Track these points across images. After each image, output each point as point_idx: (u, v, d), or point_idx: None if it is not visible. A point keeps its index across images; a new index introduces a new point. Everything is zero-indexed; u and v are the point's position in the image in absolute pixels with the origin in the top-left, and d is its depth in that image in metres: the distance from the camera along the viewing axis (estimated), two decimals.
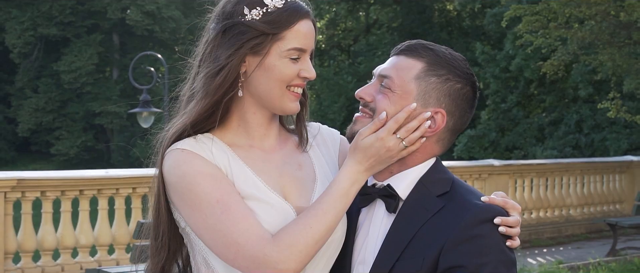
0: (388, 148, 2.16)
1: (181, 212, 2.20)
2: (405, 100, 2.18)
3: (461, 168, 12.83)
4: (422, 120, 2.16)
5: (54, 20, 43.36)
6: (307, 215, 2.13)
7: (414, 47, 2.23)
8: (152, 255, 2.30)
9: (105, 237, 9.06)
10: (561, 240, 13.55)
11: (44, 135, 43.63)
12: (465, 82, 2.22)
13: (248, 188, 2.19)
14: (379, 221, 2.22)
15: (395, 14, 33.69)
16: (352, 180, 2.16)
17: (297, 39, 2.21)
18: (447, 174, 2.23)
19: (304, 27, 2.22)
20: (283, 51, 2.20)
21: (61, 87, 43.36)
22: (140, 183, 9.10)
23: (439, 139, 2.22)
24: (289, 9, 2.21)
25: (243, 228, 2.10)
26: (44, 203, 8.68)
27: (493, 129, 26.05)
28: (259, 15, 2.19)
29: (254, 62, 2.21)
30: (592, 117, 23.63)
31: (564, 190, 14.16)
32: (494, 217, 2.09)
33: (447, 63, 2.20)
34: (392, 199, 2.19)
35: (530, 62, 23.08)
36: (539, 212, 13.79)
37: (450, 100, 2.19)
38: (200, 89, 2.21)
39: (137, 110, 17.85)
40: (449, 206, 2.13)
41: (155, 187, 2.26)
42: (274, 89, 2.22)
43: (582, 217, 14.27)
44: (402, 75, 2.19)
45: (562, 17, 14.90)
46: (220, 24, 2.23)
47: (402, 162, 2.21)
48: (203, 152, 2.20)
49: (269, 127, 2.31)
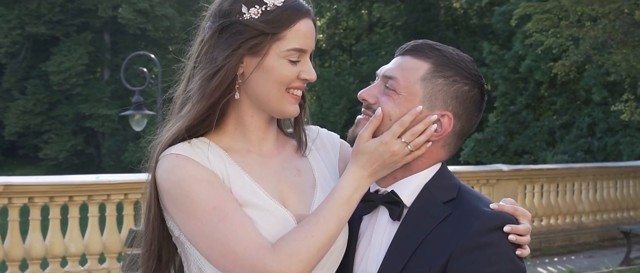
0: (392, 152, 2.15)
1: (175, 219, 2.19)
2: (411, 102, 2.18)
3: (468, 173, 12.82)
4: (428, 123, 2.16)
5: (43, 18, 43.38)
6: (308, 223, 2.13)
7: (420, 47, 2.23)
8: (142, 264, 2.30)
9: (95, 245, 9.05)
10: (573, 249, 13.54)
11: (32, 139, 43.62)
12: (473, 84, 2.21)
13: (246, 195, 2.19)
14: (381, 229, 2.22)
15: (399, 11, 33.73)
16: (355, 186, 2.16)
17: (297, 39, 2.20)
18: (454, 180, 2.23)
19: (304, 27, 2.22)
20: (282, 51, 2.19)
21: (50, 88, 43.36)
22: (133, 189, 9.09)
23: (446, 144, 2.22)
24: (289, 8, 2.20)
25: (241, 236, 2.09)
26: (32, 210, 8.67)
27: (501, 133, 26.06)
28: (258, 13, 2.18)
29: (252, 63, 2.20)
30: (605, 120, 23.64)
31: (575, 197, 14.15)
32: (504, 224, 2.08)
33: (455, 64, 2.20)
34: (396, 206, 2.18)
35: (540, 63, 23.11)
36: (550, 219, 13.78)
37: (457, 102, 2.19)
38: (196, 91, 2.20)
39: (129, 112, 17.85)
40: (456, 213, 2.13)
41: (147, 193, 2.26)
42: (272, 91, 2.21)
43: (595, 225, 14.26)
44: (407, 76, 2.19)
45: (573, 16, 14.92)
46: (217, 22, 2.21)
47: (406, 168, 2.21)
48: (198, 156, 2.20)
49: (267, 131, 2.31)
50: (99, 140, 45.24)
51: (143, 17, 43.73)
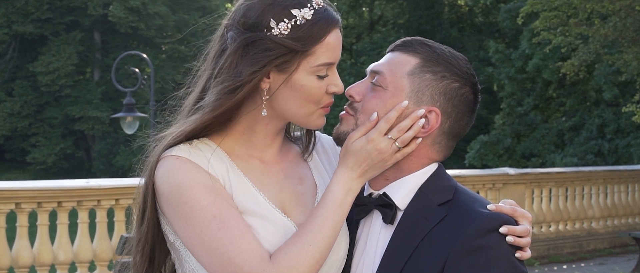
0: (380, 150, 2.16)
1: (173, 225, 2.19)
2: (397, 97, 2.19)
3: (473, 177, 12.83)
4: (415, 118, 2.17)
5: (30, 16, 43.39)
6: (303, 232, 2.14)
7: (409, 43, 2.25)
8: (133, 265, 2.30)
9: (85, 253, 9.05)
10: (582, 256, 13.55)
11: (19, 142, 43.64)
12: (464, 81, 2.22)
13: (247, 203, 2.19)
14: (376, 234, 2.22)
15: (402, 9, 33.72)
16: (346, 188, 2.17)
17: (327, 54, 2.20)
18: (450, 182, 2.23)
19: (333, 39, 2.21)
20: (312, 67, 2.18)
21: (38, 89, 43.38)
22: (124, 195, 9.09)
23: (435, 142, 2.22)
24: (320, 21, 2.18)
25: (241, 247, 2.10)
26: (19, 216, 8.67)
27: (508, 135, 26.04)
28: (287, 29, 2.15)
29: (279, 79, 2.18)
30: (616, 121, 23.63)
31: (585, 201, 14.15)
32: (500, 226, 2.08)
33: (445, 60, 2.21)
34: (389, 209, 2.19)
35: (548, 62, 23.10)
36: (558, 225, 13.79)
37: (445, 99, 2.19)
38: (212, 102, 2.17)
39: (121, 114, 17.88)
40: (452, 215, 2.13)
41: (141, 195, 2.25)
42: (301, 108, 2.21)
43: (605, 231, 14.27)
44: (394, 71, 2.21)
45: (583, 13, 14.94)
46: (242, 35, 2.17)
47: (397, 169, 2.21)
48: (200, 160, 2.19)
49: (275, 138, 2.31)
50: (89, 143, 45.25)
51: (135, 15, 43.74)
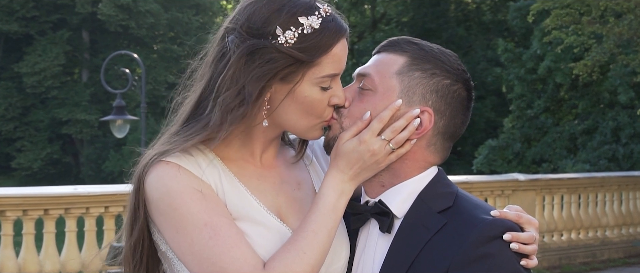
0: (373, 152, 2.17)
1: (163, 233, 2.20)
2: (388, 98, 2.19)
3: (481, 183, 12.81)
4: (410, 118, 2.17)
5: (15, 15, 43.41)
6: (297, 239, 2.15)
7: (396, 42, 2.26)
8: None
9: (73, 262, 9.04)
10: (596, 266, 13.53)
11: (4, 147, 43.62)
12: (456, 78, 2.22)
13: (241, 209, 2.20)
14: (373, 243, 2.23)
15: (406, 7, 33.73)
16: (338, 192, 2.18)
17: (333, 65, 2.21)
18: (451, 187, 2.23)
19: (340, 50, 2.22)
20: (317, 78, 2.19)
21: (23, 91, 43.37)
22: (114, 202, 9.09)
23: (430, 144, 2.22)
24: (327, 30, 2.19)
25: (234, 256, 2.11)
26: (4, 225, 8.67)
27: (518, 139, 26.04)
28: (294, 38, 2.15)
29: (283, 90, 2.19)
30: (631, 124, 23.63)
31: (599, 209, 14.15)
32: (503, 232, 2.08)
33: (433, 57, 2.22)
34: (385, 217, 2.19)
35: (560, 63, 23.11)
36: (571, 234, 13.78)
37: (437, 97, 2.20)
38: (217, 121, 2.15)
39: (110, 117, 17.87)
40: (453, 223, 2.13)
41: (131, 203, 2.25)
42: (302, 119, 2.22)
43: (620, 239, 14.26)
44: (382, 72, 2.21)
45: (596, 11, 14.94)
46: (246, 42, 2.17)
47: (393, 173, 2.22)
48: (191, 165, 2.20)
49: (272, 143, 2.33)
50: (77, 148, 45.22)
51: (125, 13, 43.73)
